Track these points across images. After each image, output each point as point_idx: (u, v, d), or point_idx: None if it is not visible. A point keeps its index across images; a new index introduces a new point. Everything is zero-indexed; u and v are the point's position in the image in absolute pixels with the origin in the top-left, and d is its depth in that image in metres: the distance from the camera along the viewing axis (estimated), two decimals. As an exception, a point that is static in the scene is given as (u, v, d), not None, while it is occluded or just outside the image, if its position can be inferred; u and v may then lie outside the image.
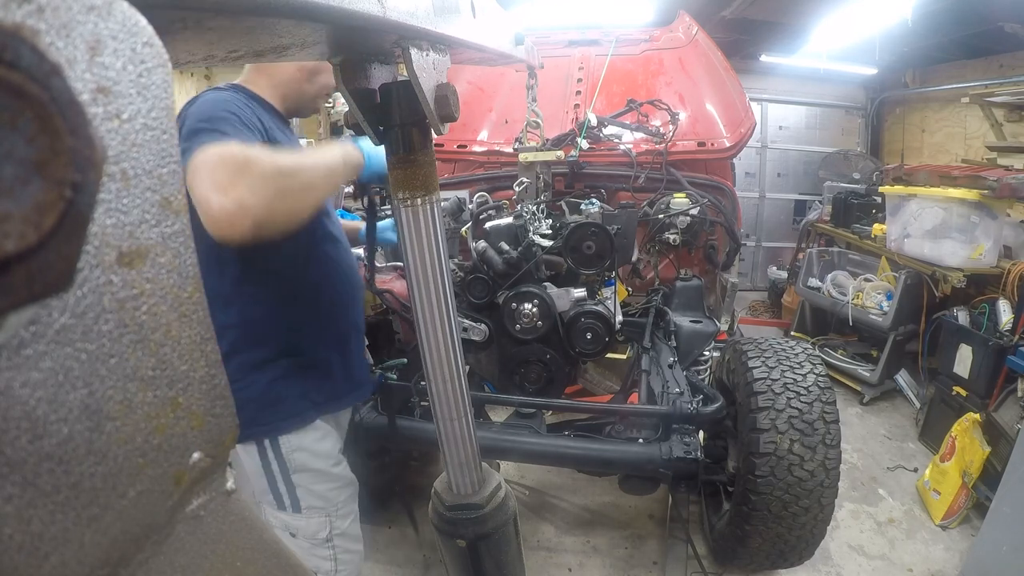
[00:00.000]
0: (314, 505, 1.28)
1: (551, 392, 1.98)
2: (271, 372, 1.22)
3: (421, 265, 0.76)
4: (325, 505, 1.30)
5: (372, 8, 0.46)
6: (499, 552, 0.98)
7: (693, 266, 2.71)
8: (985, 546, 2.21)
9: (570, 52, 3.13)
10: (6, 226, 0.16)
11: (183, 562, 0.30)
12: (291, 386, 1.24)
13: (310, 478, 1.28)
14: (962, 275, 3.10)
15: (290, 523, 1.27)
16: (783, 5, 4.43)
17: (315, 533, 1.29)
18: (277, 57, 0.54)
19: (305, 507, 1.27)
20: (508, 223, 1.99)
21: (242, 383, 1.19)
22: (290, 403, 1.24)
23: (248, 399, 1.20)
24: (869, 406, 3.69)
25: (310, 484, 1.28)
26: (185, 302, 0.27)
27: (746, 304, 5.74)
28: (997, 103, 4.32)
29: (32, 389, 0.20)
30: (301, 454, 1.26)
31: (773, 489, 1.73)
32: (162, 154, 0.25)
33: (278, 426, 1.24)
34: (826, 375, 1.90)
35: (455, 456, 0.89)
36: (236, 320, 1.19)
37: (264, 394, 1.21)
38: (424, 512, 1.03)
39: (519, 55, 1.15)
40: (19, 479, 0.20)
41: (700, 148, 2.67)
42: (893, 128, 6.15)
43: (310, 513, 1.28)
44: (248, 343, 1.20)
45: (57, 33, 0.19)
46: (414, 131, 0.72)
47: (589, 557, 2.39)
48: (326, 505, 1.30)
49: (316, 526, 1.29)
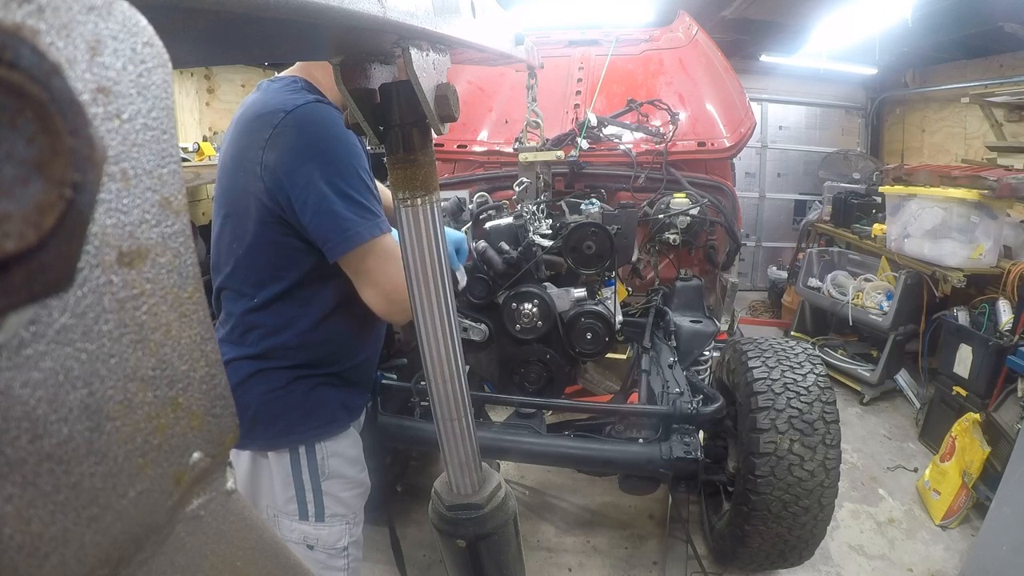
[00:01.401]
0: (337, 513, 1.28)
1: (551, 392, 1.98)
2: (312, 380, 1.22)
3: (421, 265, 0.76)
4: (347, 512, 1.30)
5: (372, 8, 0.46)
6: (499, 552, 0.98)
7: (693, 266, 2.71)
8: (985, 546, 2.21)
9: (570, 52, 3.13)
10: (6, 226, 0.16)
11: (183, 562, 0.30)
12: (331, 393, 1.25)
13: (340, 485, 1.28)
14: (962, 275, 3.10)
15: (310, 533, 1.26)
16: (783, 5, 4.43)
17: (335, 542, 1.28)
18: (277, 57, 0.54)
19: (329, 515, 1.26)
20: (508, 223, 1.99)
21: (282, 391, 1.19)
22: (330, 410, 1.24)
23: (289, 407, 1.20)
24: (869, 406, 3.69)
25: (339, 491, 1.27)
26: (185, 302, 0.27)
27: (746, 304, 5.74)
28: (997, 103, 4.32)
29: (32, 389, 0.20)
30: (336, 460, 1.26)
31: (773, 489, 1.73)
32: (162, 154, 0.25)
33: (317, 432, 1.23)
34: (826, 375, 1.91)
35: (455, 456, 0.89)
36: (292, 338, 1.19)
37: (303, 402, 1.21)
38: (422, 514, 1.03)
39: (519, 55, 1.14)
40: (19, 479, 0.20)
41: (700, 148, 2.67)
42: (893, 128, 6.16)
43: (332, 521, 1.27)
44: (293, 356, 1.20)
45: (57, 33, 0.19)
46: (414, 131, 0.72)
47: (589, 557, 2.39)
48: (347, 512, 1.30)
49: (337, 534, 1.28)
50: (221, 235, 1.19)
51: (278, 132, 1.06)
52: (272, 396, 1.18)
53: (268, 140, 1.06)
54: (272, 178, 1.06)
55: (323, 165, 1.05)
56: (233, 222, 1.15)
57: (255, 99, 1.15)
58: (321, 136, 1.07)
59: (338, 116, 1.10)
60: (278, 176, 1.05)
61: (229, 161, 1.15)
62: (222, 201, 1.17)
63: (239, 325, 1.18)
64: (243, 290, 1.18)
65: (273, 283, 1.16)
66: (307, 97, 1.10)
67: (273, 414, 1.19)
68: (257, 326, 1.18)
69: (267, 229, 1.11)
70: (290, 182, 1.05)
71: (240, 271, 1.17)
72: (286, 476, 1.23)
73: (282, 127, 1.05)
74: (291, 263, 1.14)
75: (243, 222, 1.13)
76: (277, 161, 1.05)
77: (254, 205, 1.10)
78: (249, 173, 1.09)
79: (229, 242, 1.17)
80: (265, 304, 1.17)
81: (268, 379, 1.18)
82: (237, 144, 1.13)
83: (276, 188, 1.06)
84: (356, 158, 1.09)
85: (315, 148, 1.06)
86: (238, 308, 1.18)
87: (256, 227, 1.11)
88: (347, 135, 1.09)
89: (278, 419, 1.20)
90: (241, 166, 1.11)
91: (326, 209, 1.04)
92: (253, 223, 1.11)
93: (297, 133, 1.05)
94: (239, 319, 1.18)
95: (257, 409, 1.17)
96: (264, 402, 1.18)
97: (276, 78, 1.20)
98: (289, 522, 1.25)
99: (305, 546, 1.26)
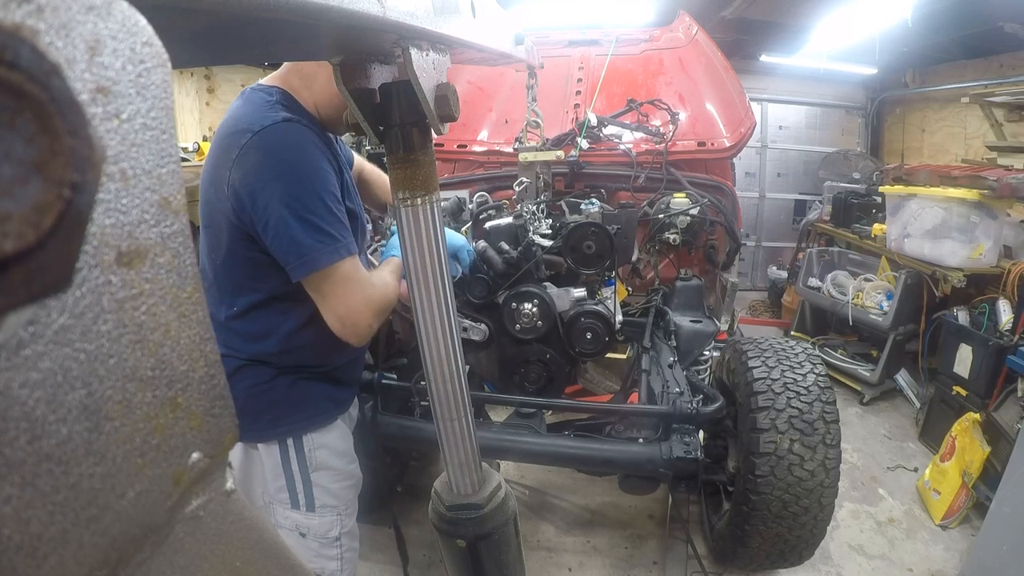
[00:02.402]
0: (328, 504, 1.31)
1: (551, 392, 1.98)
2: (295, 374, 1.26)
3: (421, 265, 0.76)
4: (337, 504, 1.33)
5: (372, 8, 0.46)
6: (499, 552, 0.98)
7: (693, 266, 2.71)
8: (985, 546, 2.21)
9: (570, 52, 3.13)
10: (5, 226, 0.16)
11: (183, 562, 0.29)
12: (315, 387, 1.28)
13: (328, 477, 1.31)
14: (962, 275, 3.10)
15: (302, 522, 1.30)
16: (783, 5, 4.43)
17: (326, 532, 1.32)
18: (277, 57, 0.54)
19: (319, 506, 1.30)
20: (508, 223, 1.98)
21: (267, 385, 1.23)
22: (315, 402, 1.28)
23: (274, 400, 1.24)
24: (869, 406, 3.69)
25: (327, 483, 1.31)
26: (184, 302, 0.27)
27: (746, 304, 5.74)
28: (997, 103, 4.32)
29: (31, 389, 0.20)
30: (322, 452, 1.29)
31: (773, 489, 1.73)
32: (161, 154, 0.25)
33: (303, 424, 1.27)
34: (826, 375, 1.90)
35: (455, 456, 0.89)
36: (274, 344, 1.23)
37: (288, 395, 1.25)
38: (422, 513, 1.03)
39: (519, 55, 1.14)
40: (18, 479, 0.20)
41: (700, 148, 2.67)
42: (893, 128, 6.15)
43: (323, 512, 1.31)
44: (277, 359, 1.24)
45: (56, 33, 0.19)
46: (414, 131, 0.72)
47: (589, 557, 2.39)
48: (338, 504, 1.33)
49: (328, 525, 1.32)
50: (203, 244, 1.23)
51: (243, 153, 1.08)
52: (257, 391, 1.22)
53: (235, 160, 1.08)
54: (236, 198, 1.09)
55: (284, 187, 1.06)
56: (210, 233, 1.19)
57: (233, 111, 1.17)
58: (284, 158, 1.09)
59: (306, 136, 1.11)
60: (242, 196, 1.08)
61: (205, 175, 1.18)
62: (203, 212, 1.21)
63: (221, 330, 1.21)
64: (223, 299, 1.22)
65: (250, 293, 1.19)
66: (277, 116, 1.11)
67: (259, 408, 1.22)
68: (240, 333, 1.21)
69: (237, 244, 1.14)
70: (252, 203, 1.07)
71: (220, 280, 1.21)
72: (276, 466, 1.27)
73: (248, 147, 1.07)
74: (264, 275, 1.16)
75: (217, 234, 1.16)
76: (242, 181, 1.08)
77: (224, 221, 1.13)
78: (219, 190, 1.12)
79: (208, 251, 1.21)
80: (243, 312, 1.20)
81: (254, 374, 1.22)
82: (213, 158, 1.16)
83: (240, 208, 1.09)
84: (320, 181, 1.10)
85: (276, 170, 1.08)
86: (221, 315, 1.22)
87: (228, 241, 1.15)
88: (312, 157, 1.11)
89: (264, 412, 1.23)
90: (213, 182, 1.14)
91: (284, 233, 1.06)
92: (225, 237, 1.15)
93: (262, 155, 1.07)
94: (222, 325, 1.21)
95: (244, 403, 1.20)
96: (250, 396, 1.21)
97: (257, 86, 1.22)
98: (282, 509, 1.29)
99: (298, 534, 1.30)
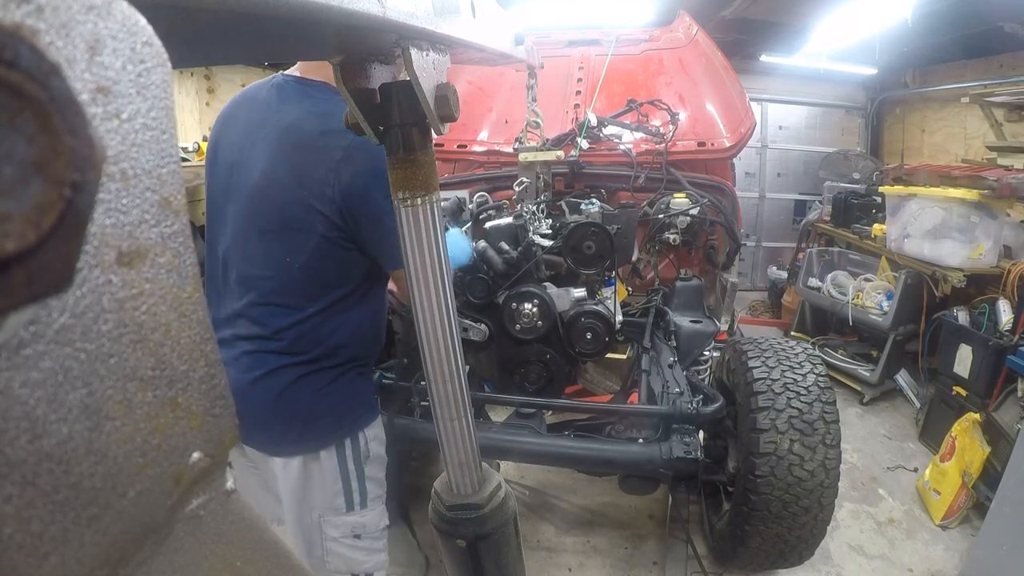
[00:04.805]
0: (377, 494, 1.35)
1: (551, 392, 1.98)
2: (352, 373, 1.29)
3: (421, 265, 0.76)
4: (382, 493, 1.37)
5: (372, 8, 0.46)
6: (499, 552, 0.98)
7: (693, 266, 2.71)
8: (985, 546, 2.21)
9: (570, 52, 3.13)
10: (6, 226, 0.16)
11: (183, 562, 0.29)
12: (365, 381, 1.34)
13: (377, 466, 1.35)
14: (962, 275, 3.10)
15: (357, 523, 1.31)
16: (783, 5, 4.43)
17: (378, 523, 1.35)
18: (277, 57, 0.54)
19: (371, 499, 1.33)
20: (508, 223, 1.99)
21: (330, 388, 1.24)
22: (366, 396, 1.33)
23: (335, 402, 1.25)
24: (869, 406, 3.69)
25: (376, 472, 1.34)
26: (185, 302, 0.27)
27: (746, 304, 5.74)
28: (997, 103, 4.32)
29: (31, 389, 0.20)
30: (375, 443, 1.33)
31: (773, 489, 1.72)
32: (162, 154, 0.25)
33: (364, 419, 1.31)
34: (826, 375, 1.90)
35: (455, 456, 0.89)
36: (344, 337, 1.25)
37: (347, 393, 1.27)
38: (421, 514, 1.03)
39: (519, 55, 1.14)
40: (19, 479, 0.20)
41: (700, 148, 2.67)
42: (893, 128, 6.16)
43: (374, 504, 1.34)
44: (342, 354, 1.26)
45: (56, 33, 0.19)
46: (414, 131, 0.72)
47: (589, 557, 2.39)
48: (382, 492, 1.37)
49: (379, 516, 1.36)
50: (256, 250, 1.19)
51: (349, 154, 1.10)
52: (322, 394, 1.23)
53: (339, 162, 1.10)
54: (345, 197, 1.11)
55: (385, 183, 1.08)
56: (283, 236, 1.16)
57: (303, 109, 1.15)
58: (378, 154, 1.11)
59: None
60: (353, 194, 1.11)
61: (273, 177, 1.15)
62: (259, 215, 1.17)
63: (285, 337, 1.20)
64: (295, 303, 1.19)
65: (336, 289, 1.21)
66: None
67: (322, 412, 1.24)
68: (312, 331, 1.21)
69: (332, 244, 1.16)
70: (365, 201, 1.11)
71: (300, 283, 1.19)
72: (334, 470, 1.27)
73: (352, 150, 1.10)
74: (351, 270, 1.21)
75: (300, 236, 1.15)
76: (350, 184, 1.11)
77: (320, 221, 1.13)
78: (311, 191, 1.12)
79: (280, 256, 1.17)
80: (324, 309, 1.21)
81: (318, 379, 1.23)
82: (290, 159, 1.14)
83: (347, 206, 1.12)
84: None
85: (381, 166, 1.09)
86: (286, 322, 1.19)
87: (320, 240, 1.15)
88: None
89: (326, 415, 1.25)
90: (303, 183, 1.13)
91: (391, 228, 1.08)
92: (317, 237, 1.15)
93: (366, 153, 1.10)
94: (286, 332, 1.20)
95: (309, 409, 1.22)
96: (314, 401, 1.22)
97: (300, 79, 1.20)
98: (335, 518, 1.30)
99: (352, 537, 1.31)
